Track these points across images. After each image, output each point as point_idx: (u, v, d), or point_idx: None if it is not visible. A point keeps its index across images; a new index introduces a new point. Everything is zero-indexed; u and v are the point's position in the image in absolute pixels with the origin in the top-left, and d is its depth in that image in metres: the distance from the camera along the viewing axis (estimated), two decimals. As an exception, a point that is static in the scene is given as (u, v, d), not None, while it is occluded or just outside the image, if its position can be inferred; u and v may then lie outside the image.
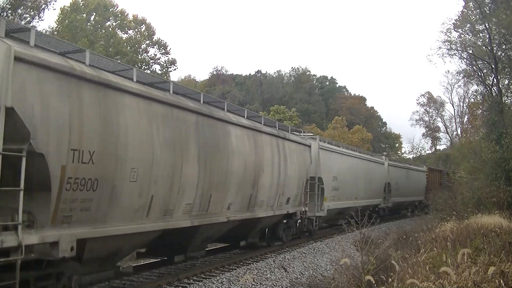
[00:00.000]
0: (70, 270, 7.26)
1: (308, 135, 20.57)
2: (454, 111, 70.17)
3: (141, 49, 48.38)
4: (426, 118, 72.73)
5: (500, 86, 24.94)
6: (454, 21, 26.29)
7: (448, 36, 26.34)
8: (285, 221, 16.59)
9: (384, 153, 30.06)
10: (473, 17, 25.60)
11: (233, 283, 10.56)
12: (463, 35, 26.59)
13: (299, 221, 17.55)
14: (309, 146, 17.99)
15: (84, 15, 44.97)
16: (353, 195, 23.25)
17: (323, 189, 19.23)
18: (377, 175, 28.12)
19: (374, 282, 5.49)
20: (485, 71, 26.22)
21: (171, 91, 10.07)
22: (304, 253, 15.66)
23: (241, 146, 12.32)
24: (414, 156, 71.86)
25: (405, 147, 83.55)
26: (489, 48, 23.87)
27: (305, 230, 18.69)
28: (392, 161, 34.57)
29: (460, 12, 26.81)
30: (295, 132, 18.86)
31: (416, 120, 72.33)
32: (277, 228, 16.31)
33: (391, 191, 30.73)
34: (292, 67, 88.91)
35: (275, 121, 17.25)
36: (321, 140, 20.95)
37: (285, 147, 15.47)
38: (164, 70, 48.87)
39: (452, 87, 63.29)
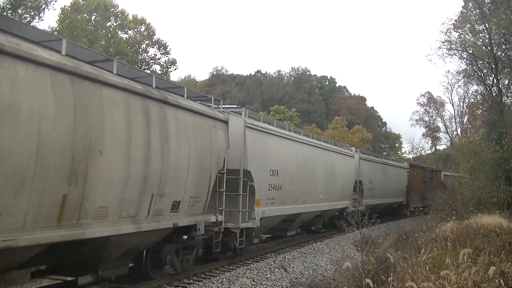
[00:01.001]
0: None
1: (230, 107, 14.07)
2: (454, 111, 70.22)
3: (141, 49, 48.39)
4: (426, 118, 72.78)
5: (500, 86, 24.93)
6: (454, 21, 26.30)
7: (448, 36, 26.34)
8: (186, 238, 10.86)
9: (354, 148, 25.70)
10: (473, 17, 25.59)
11: (233, 283, 10.56)
12: (463, 35, 26.60)
13: (214, 237, 11.73)
14: (226, 123, 11.92)
15: (85, 15, 44.99)
16: (305, 197, 17.29)
17: (253, 188, 13.35)
18: (343, 171, 21.87)
19: (372, 286, 5.48)
20: (485, 71, 26.22)
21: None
22: (304, 253, 15.67)
23: (25, 103, 6.30)
24: (414, 156, 71.88)
25: (405, 147, 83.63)
26: (489, 48, 23.86)
27: (224, 249, 12.73)
28: (365, 154, 27.93)
29: (460, 12, 26.82)
30: (201, 100, 12.13)
31: (416, 120, 72.38)
32: (160, 252, 10.19)
33: (363, 192, 24.99)
34: (292, 67, 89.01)
35: (153, 75, 9.87)
36: (251, 116, 14.47)
37: (167, 118, 9.42)
38: (164, 70, 48.87)
39: (452, 87, 63.30)
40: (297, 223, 17.82)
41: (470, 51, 26.12)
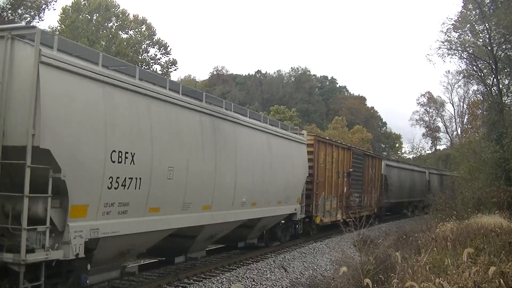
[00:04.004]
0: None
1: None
2: (454, 111, 70.13)
3: (141, 49, 48.43)
4: (426, 118, 72.68)
5: (500, 86, 24.92)
6: (454, 22, 26.29)
7: (448, 36, 26.34)
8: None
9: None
10: (472, 17, 25.59)
11: (233, 283, 10.55)
12: (463, 35, 26.60)
13: None
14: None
15: (87, 15, 45.02)
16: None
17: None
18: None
19: (371, 286, 5.48)
20: (485, 71, 26.21)
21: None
22: (304, 253, 15.67)
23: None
24: (414, 156, 71.85)
25: (405, 147, 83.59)
26: (489, 48, 23.85)
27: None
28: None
29: (460, 12, 26.82)
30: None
31: (416, 120, 72.27)
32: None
33: None
34: (292, 67, 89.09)
35: None
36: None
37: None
38: (164, 70, 48.91)
39: (452, 87, 63.18)
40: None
41: (470, 51, 26.12)
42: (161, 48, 49.18)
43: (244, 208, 12.68)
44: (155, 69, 47.66)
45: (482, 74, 26.64)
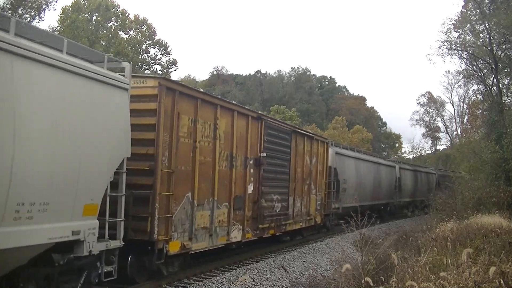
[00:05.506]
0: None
1: None
2: (454, 111, 70.22)
3: (141, 50, 48.45)
4: (426, 118, 72.79)
5: (500, 86, 24.97)
6: (454, 21, 26.35)
7: (448, 36, 26.40)
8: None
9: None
10: (472, 17, 25.63)
11: (233, 283, 10.57)
12: (463, 35, 26.64)
13: None
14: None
15: (86, 15, 45.04)
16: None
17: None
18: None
19: (372, 284, 5.50)
20: (485, 71, 26.25)
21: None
22: (304, 253, 15.67)
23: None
24: (414, 156, 71.88)
25: (405, 147, 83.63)
26: (489, 48, 23.86)
27: None
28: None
29: (460, 12, 26.87)
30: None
31: (416, 120, 72.36)
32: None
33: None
34: (292, 67, 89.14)
35: None
36: None
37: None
38: (165, 70, 48.94)
39: (452, 87, 63.29)
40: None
41: (470, 51, 26.15)
42: (162, 48, 49.22)
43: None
44: (155, 69, 47.72)
45: (482, 74, 26.68)
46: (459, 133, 65.19)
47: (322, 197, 18.86)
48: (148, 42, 48.87)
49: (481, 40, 25.08)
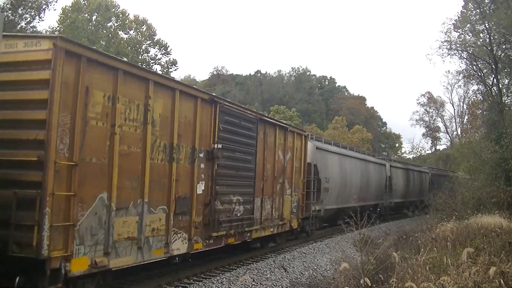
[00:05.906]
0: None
1: None
2: (454, 111, 70.30)
3: (141, 50, 48.46)
4: (426, 118, 72.86)
5: (500, 86, 24.98)
6: (454, 21, 26.37)
7: (448, 36, 26.42)
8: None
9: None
10: (472, 17, 25.65)
11: (233, 283, 10.56)
12: (463, 35, 26.66)
13: None
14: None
15: (86, 15, 45.04)
16: None
17: None
18: None
19: (370, 284, 5.50)
20: (485, 71, 26.26)
21: None
22: (304, 253, 15.67)
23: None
24: (414, 156, 71.92)
25: (405, 147, 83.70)
26: (489, 48, 23.87)
27: None
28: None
29: (460, 12, 26.89)
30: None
31: (416, 120, 72.43)
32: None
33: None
34: (292, 67, 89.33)
35: None
36: None
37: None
38: (165, 70, 48.94)
39: (452, 87, 63.37)
40: None
41: (470, 51, 26.16)
42: (161, 48, 49.24)
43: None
44: (155, 69, 47.70)
45: (482, 74, 26.69)
46: (459, 133, 65.29)
47: (299, 198, 16.35)
48: (148, 42, 48.87)
49: (481, 40, 25.10)
